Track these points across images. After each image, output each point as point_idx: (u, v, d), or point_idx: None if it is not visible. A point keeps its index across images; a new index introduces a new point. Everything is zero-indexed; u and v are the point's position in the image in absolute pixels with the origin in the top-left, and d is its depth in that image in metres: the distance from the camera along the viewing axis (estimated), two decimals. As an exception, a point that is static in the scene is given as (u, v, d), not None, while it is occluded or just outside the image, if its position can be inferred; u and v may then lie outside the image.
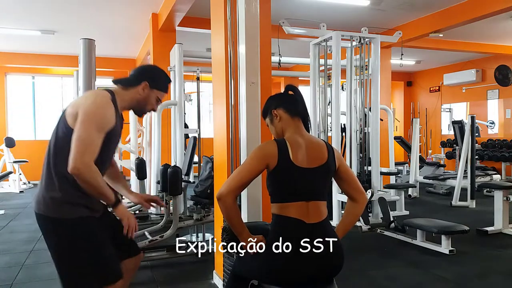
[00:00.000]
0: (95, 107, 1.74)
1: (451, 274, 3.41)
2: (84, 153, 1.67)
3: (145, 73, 1.93)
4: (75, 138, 1.68)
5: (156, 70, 2.01)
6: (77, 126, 1.70)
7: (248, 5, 2.58)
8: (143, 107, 1.96)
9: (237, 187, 1.72)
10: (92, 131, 1.70)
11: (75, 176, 1.68)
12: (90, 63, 2.76)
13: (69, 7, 6.00)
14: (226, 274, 2.67)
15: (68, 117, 1.76)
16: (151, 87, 1.91)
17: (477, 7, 5.81)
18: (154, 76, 1.95)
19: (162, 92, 1.98)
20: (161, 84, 1.97)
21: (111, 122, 1.78)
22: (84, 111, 1.72)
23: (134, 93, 1.90)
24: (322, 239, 1.73)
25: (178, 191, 3.84)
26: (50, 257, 1.90)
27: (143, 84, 1.89)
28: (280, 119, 1.89)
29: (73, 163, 1.66)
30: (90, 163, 1.68)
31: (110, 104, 1.80)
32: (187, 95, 5.50)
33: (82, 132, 1.69)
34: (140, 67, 2.00)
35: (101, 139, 1.74)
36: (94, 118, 1.72)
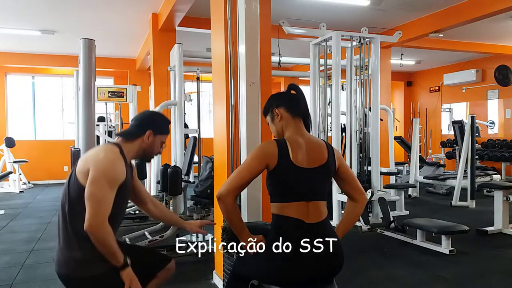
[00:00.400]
0: (106, 163, 1.78)
1: (451, 274, 3.41)
2: (98, 212, 1.71)
3: (147, 122, 1.98)
4: (88, 197, 1.72)
5: (156, 116, 2.06)
6: (88, 184, 1.74)
7: (248, 5, 2.58)
8: (150, 153, 2.02)
9: (237, 187, 1.72)
10: (104, 188, 1.74)
11: (90, 234, 1.72)
12: (90, 63, 2.76)
13: (69, 7, 6.00)
14: (226, 274, 2.67)
15: (79, 175, 1.79)
16: (154, 134, 1.96)
17: (477, 7, 5.80)
18: (156, 123, 2.00)
19: (166, 135, 2.05)
20: (163, 129, 2.04)
21: (122, 176, 1.82)
22: (94, 168, 1.75)
23: (139, 143, 1.95)
24: (322, 239, 1.73)
25: (178, 191, 3.85)
26: (50, 257, 1.90)
27: (147, 133, 1.94)
28: (281, 118, 1.89)
29: (88, 221, 1.70)
30: (104, 221, 1.72)
31: (120, 159, 1.84)
32: (187, 95, 5.50)
33: (94, 190, 1.72)
34: (140, 116, 2.03)
35: (113, 195, 1.77)
36: (105, 175, 1.75)
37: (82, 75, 2.74)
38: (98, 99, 6.15)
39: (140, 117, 2.02)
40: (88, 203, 1.72)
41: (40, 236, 4.80)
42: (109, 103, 7.16)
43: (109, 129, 7.74)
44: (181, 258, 3.71)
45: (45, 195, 8.08)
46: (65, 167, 9.97)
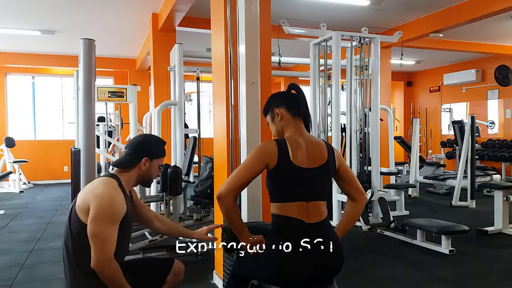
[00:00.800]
0: (105, 200, 1.76)
1: (451, 274, 3.41)
2: (104, 250, 1.71)
3: (142, 149, 1.96)
4: (91, 236, 1.72)
5: (150, 141, 2.04)
6: (90, 222, 1.73)
7: (248, 5, 2.58)
8: (149, 179, 2.01)
9: (237, 187, 1.72)
10: (106, 225, 1.73)
11: (98, 272, 1.72)
12: (90, 63, 2.75)
13: (69, 7, 6.00)
14: (226, 274, 2.67)
15: (79, 212, 1.78)
16: (150, 160, 1.95)
17: (477, 7, 5.80)
18: (150, 148, 1.98)
19: (162, 158, 2.03)
20: (159, 153, 2.02)
21: (123, 210, 1.81)
22: (94, 205, 1.74)
23: (137, 171, 1.94)
24: (322, 239, 1.73)
25: (178, 191, 3.84)
26: (50, 257, 1.91)
27: (143, 160, 1.93)
28: (281, 118, 1.88)
29: (94, 260, 1.70)
30: (111, 258, 1.72)
31: (119, 192, 1.82)
32: (187, 95, 5.50)
33: (97, 229, 1.72)
34: (134, 144, 2.00)
35: (116, 230, 1.77)
36: (105, 213, 1.74)
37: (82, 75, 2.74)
38: (98, 99, 6.14)
39: (134, 145, 1.99)
40: (92, 242, 1.71)
41: (40, 236, 4.80)
42: (109, 103, 7.16)
43: (109, 129, 7.74)
44: (181, 258, 3.71)
45: (45, 195, 8.08)
46: (65, 167, 9.97)
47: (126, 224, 1.85)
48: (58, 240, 4.60)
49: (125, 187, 1.90)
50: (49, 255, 4.02)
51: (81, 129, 2.77)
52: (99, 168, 7.37)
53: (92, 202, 1.75)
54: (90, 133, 2.75)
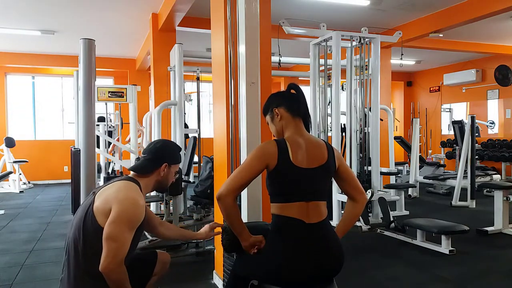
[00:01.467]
0: (128, 204, 1.73)
1: (451, 274, 3.41)
2: (117, 254, 1.67)
3: (162, 155, 1.95)
4: (108, 238, 1.67)
5: (170, 147, 2.03)
6: (108, 224, 1.69)
7: (248, 5, 2.58)
8: (165, 185, 2.00)
9: (237, 187, 1.72)
10: (125, 230, 1.70)
11: (105, 275, 1.68)
12: (90, 63, 2.75)
13: (69, 7, 6.00)
14: (226, 274, 2.67)
15: (98, 215, 1.73)
16: (169, 165, 1.96)
17: (477, 7, 5.81)
18: (170, 154, 1.98)
19: (178, 165, 2.04)
20: (177, 158, 2.02)
21: (142, 216, 1.78)
22: (117, 208, 1.70)
23: (155, 176, 1.93)
24: (322, 239, 1.73)
25: (178, 191, 3.84)
26: (50, 257, 1.90)
27: (163, 166, 1.93)
28: (281, 118, 1.88)
29: (105, 263, 1.66)
30: (121, 263, 1.69)
31: (141, 197, 1.81)
32: (187, 95, 5.50)
33: (114, 232, 1.68)
34: (154, 149, 1.97)
35: (132, 236, 1.74)
36: (127, 217, 1.71)
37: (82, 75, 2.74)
38: (98, 99, 6.14)
39: (154, 150, 1.97)
40: (107, 244, 1.67)
41: (40, 236, 4.80)
42: (109, 103, 7.15)
43: (109, 129, 7.74)
44: (181, 258, 3.73)
45: (45, 195, 8.08)
46: (65, 167, 9.97)
47: (140, 230, 1.82)
48: (58, 240, 4.60)
49: (143, 192, 1.89)
50: (49, 255, 4.02)
51: (81, 129, 2.77)
52: (99, 168, 7.37)
53: (114, 204, 1.71)
54: (90, 133, 2.75)
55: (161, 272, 2.11)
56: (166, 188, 2.03)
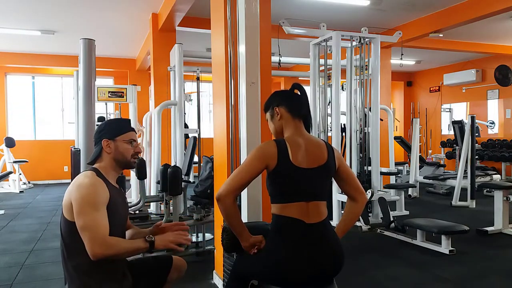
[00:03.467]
0: (84, 189, 1.71)
1: (451, 274, 3.41)
2: (95, 238, 1.64)
3: (98, 134, 1.89)
4: (81, 229, 1.66)
5: (104, 124, 1.95)
6: (76, 217, 1.68)
7: (248, 5, 2.58)
8: (124, 159, 1.88)
9: (237, 187, 1.72)
10: (91, 213, 1.66)
11: (99, 259, 1.65)
12: (90, 63, 2.75)
13: (69, 7, 6.00)
14: (226, 274, 2.67)
15: (65, 211, 1.76)
16: (111, 139, 1.85)
17: (477, 7, 5.80)
18: (106, 129, 1.89)
19: (126, 133, 1.89)
20: (117, 130, 1.88)
21: (105, 195, 1.74)
22: (75, 198, 1.70)
23: (106, 156, 1.86)
24: (322, 239, 1.73)
25: (178, 191, 3.84)
26: (50, 257, 1.90)
27: (104, 143, 1.85)
28: (280, 118, 1.88)
29: (90, 251, 1.63)
30: (103, 242, 1.65)
31: (97, 180, 1.76)
32: (187, 95, 5.50)
33: (84, 220, 1.66)
34: (94, 133, 1.95)
35: (105, 214, 1.70)
36: (87, 200, 1.68)
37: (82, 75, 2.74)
38: (98, 99, 6.14)
39: (94, 134, 1.94)
40: (83, 235, 1.65)
41: (40, 236, 4.80)
42: (109, 103, 7.16)
43: (109, 129, 7.73)
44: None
45: (45, 195, 8.08)
46: (65, 167, 9.97)
47: (114, 211, 1.77)
48: (58, 240, 4.59)
49: (106, 176, 1.83)
50: (49, 255, 4.02)
51: (81, 129, 2.77)
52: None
53: (72, 195, 1.71)
54: (90, 133, 2.75)
55: (177, 278, 2.06)
56: (128, 162, 1.90)
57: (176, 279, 2.07)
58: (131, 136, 1.90)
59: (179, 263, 2.07)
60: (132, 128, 1.95)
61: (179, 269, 2.06)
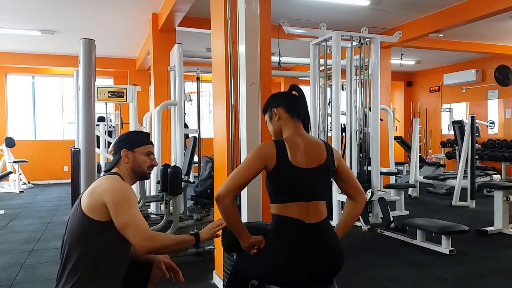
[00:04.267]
0: (119, 190, 1.77)
1: (451, 274, 3.41)
2: (140, 232, 1.70)
3: (119, 145, 1.95)
4: (123, 227, 1.71)
5: (126, 134, 2.03)
6: (115, 217, 1.72)
7: (248, 5, 2.58)
8: (140, 170, 1.96)
9: (236, 188, 1.72)
10: (131, 210, 1.73)
11: (147, 253, 1.74)
12: (90, 63, 2.75)
13: (69, 7, 6.00)
14: (226, 274, 2.67)
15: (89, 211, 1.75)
16: (130, 150, 1.93)
17: (477, 7, 5.80)
18: (126, 140, 1.96)
19: (145, 146, 1.97)
20: (137, 142, 1.96)
21: (134, 194, 1.83)
22: (111, 199, 1.73)
23: (124, 166, 1.92)
24: (322, 239, 1.73)
25: (178, 191, 3.84)
26: (50, 257, 1.90)
27: (122, 153, 1.92)
28: (279, 118, 1.89)
29: (138, 246, 1.70)
30: (148, 235, 1.71)
31: (125, 182, 1.85)
32: (187, 95, 5.50)
33: (125, 218, 1.71)
34: (114, 144, 2.02)
35: (139, 212, 1.78)
36: (124, 200, 1.74)
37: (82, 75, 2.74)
38: (98, 99, 6.14)
39: (114, 145, 2.00)
40: (126, 232, 1.71)
41: (40, 236, 4.80)
42: (109, 103, 7.17)
43: (109, 129, 7.74)
44: (181, 258, 3.72)
45: (45, 195, 8.08)
46: (65, 167, 9.97)
47: None
48: (58, 240, 4.60)
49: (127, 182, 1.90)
50: (49, 255, 4.02)
51: (81, 129, 2.77)
52: (99, 168, 7.36)
53: (106, 197, 1.74)
54: (90, 133, 2.75)
55: (160, 275, 2.06)
56: (145, 173, 1.98)
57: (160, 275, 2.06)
58: (149, 149, 1.98)
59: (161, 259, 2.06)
60: (151, 141, 2.03)
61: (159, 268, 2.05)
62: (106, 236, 1.75)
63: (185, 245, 1.86)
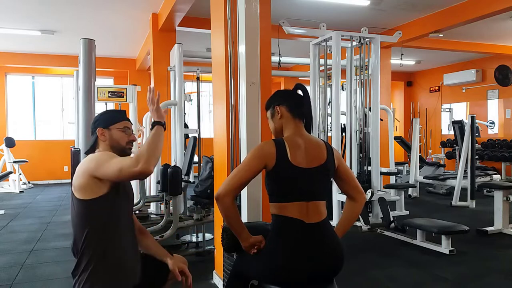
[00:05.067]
0: (97, 156, 1.80)
1: (451, 274, 3.41)
2: (127, 163, 1.70)
3: (94, 124, 1.95)
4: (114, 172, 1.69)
5: (99, 114, 2.02)
6: (101, 170, 1.72)
7: (248, 5, 2.58)
8: (119, 146, 1.94)
9: (236, 187, 1.71)
10: (115, 158, 1.74)
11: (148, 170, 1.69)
12: (90, 63, 2.75)
13: (69, 7, 6.00)
14: (226, 274, 2.67)
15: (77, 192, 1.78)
16: (105, 128, 1.92)
17: (477, 7, 5.81)
18: (99, 119, 1.95)
19: (120, 122, 1.95)
20: (109, 119, 1.94)
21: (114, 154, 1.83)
22: (95, 162, 1.75)
23: (102, 144, 1.93)
24: (322, 239, 1.73)
25: (178, 191, 3.84)
26: (50, 257, 1.90)
27: (99, 132, 1.92)
28: (281, 117, 1.88)
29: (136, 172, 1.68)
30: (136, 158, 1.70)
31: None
32: (187, 95, 5.50)
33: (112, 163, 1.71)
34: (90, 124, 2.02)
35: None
36: (106, 155, 1.78)
37: (82, 75, 2.74)
38: (98, 99, 6.15)
39: (90, 125, 2.01)
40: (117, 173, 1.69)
41: (40, 236, 4.80)
42: (109, 103, 7.16)
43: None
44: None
45: (45, 195, 8.08)
46: (65, 167, 9.97)
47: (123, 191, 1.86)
48: (58, 240, 4.60)
49: None
50: (49, 255, 4.02)
51: (81, 129, 2.77)
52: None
53: (88, 167, 1.76)
54: (90, 133, 2.75)
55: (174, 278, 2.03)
56: (124, 148, 1.95)
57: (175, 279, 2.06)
58: (125, 124, 1.97)
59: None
60: (126, 118, 2.01)
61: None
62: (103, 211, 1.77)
63: (161, 138, 1.83)
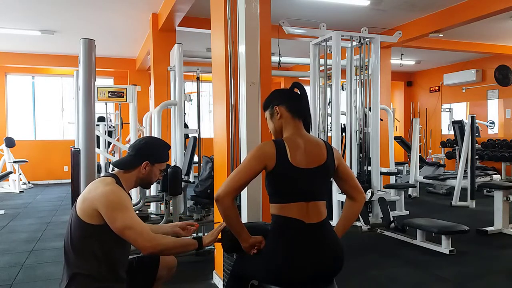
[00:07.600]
0: (110, 194, 1.75)
1: (451, 274, 3.41)
2: (141, 234, 1.71)
3: (144, 153, 1.92)
4: (122, 230, 1.71)
5: (154, 145, 2.00)
6: (111, 222, 1.71)
7: (248, 5, 2.57)
8: (148, 182, 1.98)
9: (235, 188, 1.71)
10: (127, 213, 1.73)
11: (152, 253, 1.74)
12: (90, 63, 2.75)
13: (69, 7, 6.00)
14: (226, 274, 2.67)
15: (85, 217, 1.75)
16: (152, 164, 1.92)
17: (477, 7, 5.80)
18: (153, 153, 1.95)
19: (164, 163, 2.00)
20: (161, 157, 1.97)
21: (127, 197, 1.82)
22: (104, 205, 1.72)
23: (136, 174, 1.91)
24: (322, 239, 1.73)
25: (178, 191, 3.84)
26: (50, 257, 1.91)
27: (143, 164, 1.90)
28: (280, 117, 1.88)
29: (142, 247, 1.71)
30: (151, 236, 1.73)
31: (118, 187, 1.82)
32: (187, 95, 5.49)
33: (122, 221, 1.71)
34: (137, 146, 1.96)
35: (135, 214, 1.78)
36: (117, 204, 1.74)
37: (82, 75, 2.74)
38: (98, 99, 6.14)
39: (137, 147, 1.95)
40: (127, 234, 1.71)
41: (40, 236, 4.80)
42: (109, 103, 7.16)
43: (109, 129, 7.74)
44: (181, 258, 3.72)
45: (45, 195, 8.08)
46: (65, 167, 9.97)
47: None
48: (58, 240, 4.60)
49: (124, 185, 1.87)
50: (49, 255, 4.03)
51: (81, 129, 2.77)
52: (99, 168, 7.37)
53: (97, 204, 1.73)
54: (90, 133, 2.75)
55: (167, 276, 2.07)
56: (149, 185, 2.00)
57: (167, 276, 2.08)
58: (164, 166, 2.00)
59: (167, 260, 2.08)
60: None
61: (168, 265, 2.08)
62: (104, 237, 1.75)
63: (188, 249, 1.84)
